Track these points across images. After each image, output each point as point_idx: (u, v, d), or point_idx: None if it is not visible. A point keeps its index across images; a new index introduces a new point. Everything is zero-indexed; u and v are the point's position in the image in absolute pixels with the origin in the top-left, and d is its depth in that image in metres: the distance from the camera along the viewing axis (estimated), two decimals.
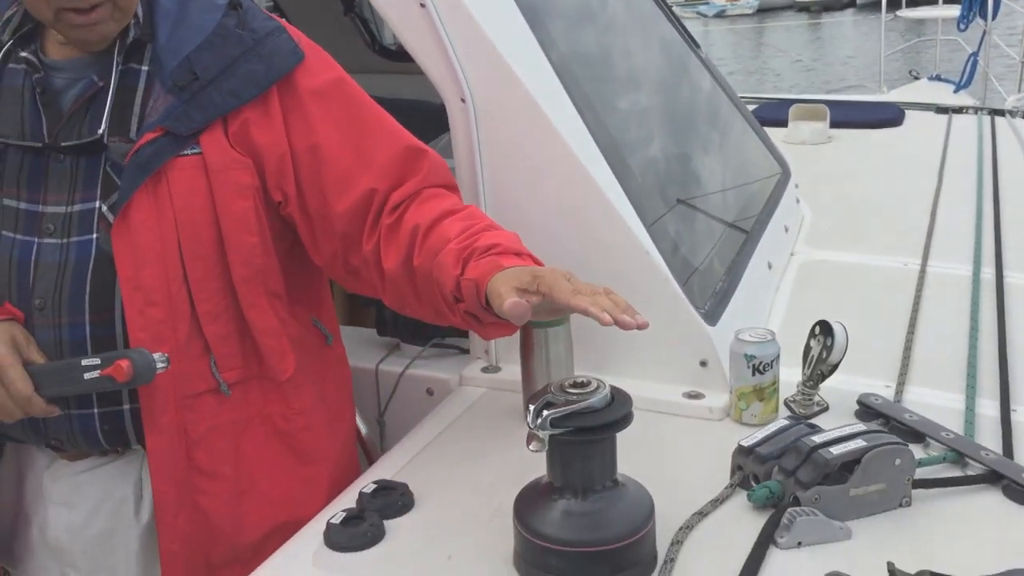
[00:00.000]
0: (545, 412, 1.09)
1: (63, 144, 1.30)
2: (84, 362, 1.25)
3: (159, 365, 1.26)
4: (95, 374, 1.24)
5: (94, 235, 1.30)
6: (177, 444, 1.35)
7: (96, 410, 1.34)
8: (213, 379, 1.36)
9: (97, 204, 1.30)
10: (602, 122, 1.79)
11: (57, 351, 1.31)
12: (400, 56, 3.60)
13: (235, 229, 1.33)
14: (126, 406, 1.34)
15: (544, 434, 1.09)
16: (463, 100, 1.63)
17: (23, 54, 1.33)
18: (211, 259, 1.33)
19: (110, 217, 1.28)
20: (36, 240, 1.31)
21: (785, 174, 2.62)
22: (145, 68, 1.32)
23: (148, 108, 1.30)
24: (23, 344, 1.28)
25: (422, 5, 1.59)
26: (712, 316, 1.67)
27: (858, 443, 1.26)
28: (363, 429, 1.73)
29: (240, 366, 1.38)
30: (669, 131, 2.27)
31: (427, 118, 1.69)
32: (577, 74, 1.82)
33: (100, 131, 1.29)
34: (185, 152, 1.30)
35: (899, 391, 1.61)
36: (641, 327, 1.13)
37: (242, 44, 1.32)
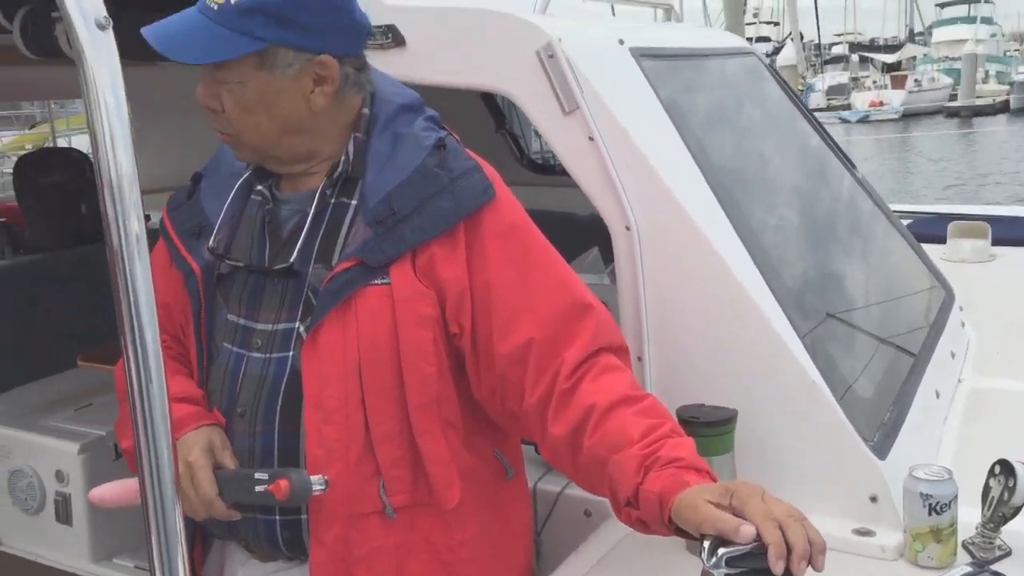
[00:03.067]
0: (720, 550, 1.08)
1: (274, 268, 1.41)
2: (256, 475, 1.33)
3: (316, 488, 1.31)
4: (262, 488, 1.32)
5: (291, 352, 1.39)
6: (339, 560, 1.38)
7: (278, 517, 1.41)
8: (380, 501, 1.38)
9: (297, 324, 1.39)
10: (762, 244, 1.80)
11: (249, 458, 1.40)
12: (547, 169, 3.72)
13: (414, 357, 1.37)
14: (303, 516, 1.40)
15: (719, 573, 1.08)
16: (627, 228, 1.67)
17: (259, 187, 1.47)
18: (389, 384, 1.37)
19: (304, 337, 1.37)
20: (247, 353, 1.43)
21: (949, 296, 2.54)
22: (354, 202, 1.41)
23: (349, 239, 1.39)
24: (218, 448, 1.38)
25: (591, 139, 1.65)
26: (881, 449, 1.62)
27: None
28: None
29: (408, 491, 1.40)
30: (827, 251, 2.25)
31: (574, 230, 1.70)
32: (737, 197, 1.84)
33: (291, 259, 1.38)
34: (375, 281, 1.36)
35: None
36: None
37: (438, 183, 1.38)
